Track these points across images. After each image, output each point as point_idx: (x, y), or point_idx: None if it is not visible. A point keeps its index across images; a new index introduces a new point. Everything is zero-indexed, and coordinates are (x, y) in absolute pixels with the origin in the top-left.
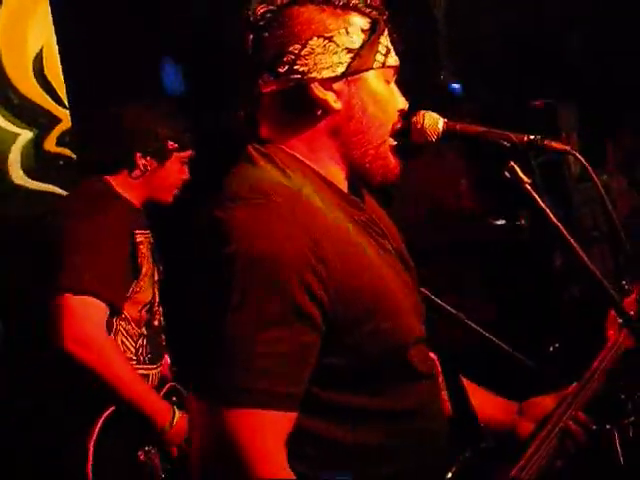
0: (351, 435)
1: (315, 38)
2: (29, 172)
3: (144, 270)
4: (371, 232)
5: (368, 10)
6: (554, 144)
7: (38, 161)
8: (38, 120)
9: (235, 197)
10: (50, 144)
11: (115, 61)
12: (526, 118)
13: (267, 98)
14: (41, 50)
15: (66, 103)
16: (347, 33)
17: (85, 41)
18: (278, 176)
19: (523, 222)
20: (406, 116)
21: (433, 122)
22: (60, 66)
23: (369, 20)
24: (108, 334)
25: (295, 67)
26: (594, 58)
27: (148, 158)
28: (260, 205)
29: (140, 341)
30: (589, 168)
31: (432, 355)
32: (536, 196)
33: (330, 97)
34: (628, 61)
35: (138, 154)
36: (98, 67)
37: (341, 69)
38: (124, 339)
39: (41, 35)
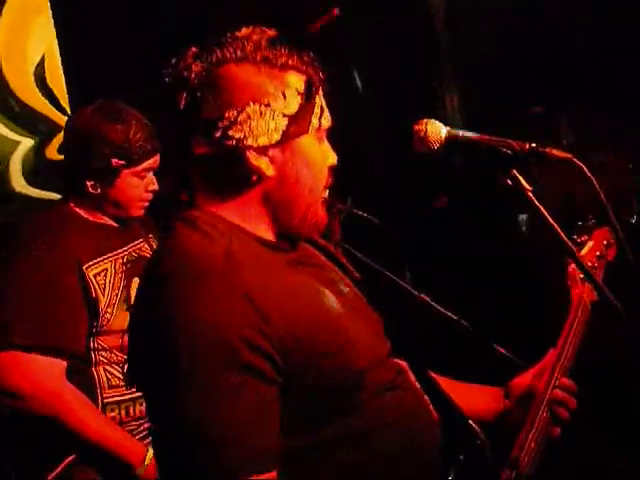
0: (329, 465)
1: (252, 104)
2: (30, 179)
3: (104, 301)
4: (309, 267)
5: (305, 68)
6: (555, 152)
7: (39, 168)
8: (39, 128)
9: (165, 276)
10: (52, 151)
11: (118, 68)
12: (526, 124)
13: (199, 159)
14: (43, 57)
15: (69, 111)
16: (284, 97)
17: (87, 48)
18: (200, 240)
19: (524, 229)
20: (409, 126)
21: (436, 130)
22: (62, 73)
23: (305, 79)
24: (88, 367)
25: (230, 133)
26: (594, 58)
27: (95, 182)
28: (191, 278)
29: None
30: (589, 175)
31: (401, 363)
32: (537, 203)
33: (264, 164)
34: (629, 64)
35: (85, 180)
36: (101, 74)
37: (277, 136)
38: (108, 367)
39: (43, 42)
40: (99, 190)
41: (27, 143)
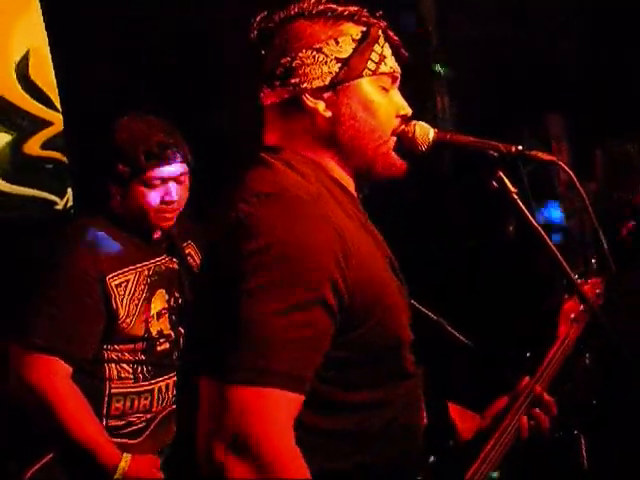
0: (333, 422)
1: (304, 50)
2: (5, 176)
3: (122, 312)
4: (371, 234)
5: (362, 19)
6: (541, 154)
7: (17, 164)
8: (19, 123)
9: (260, 194)
10: (32, 147)
11: (111, 63)
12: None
13: (269, 109)
14: (27, 53)
15: (59, 106)
16: (337, 43)
17: (78, 43)
18: (296, 177)
19: (511, 229)
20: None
21: (424, 132)
22: (52, 69)
23: (362, 29)
24: (100, 362)
25: (287, 79)
26: (587, 61)
27: (116, 186)
28: (286, 200)
29: (136, 365)
30: (574, 178)
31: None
32: (522, 205)
33: (320, 106)
34: (624, 67)
35: (110, 184)
36: (92, 69)
37: (330, 79)
38: (117, 365)
39: (27, 38)
40: (118, 196)
41: (3, 139)
